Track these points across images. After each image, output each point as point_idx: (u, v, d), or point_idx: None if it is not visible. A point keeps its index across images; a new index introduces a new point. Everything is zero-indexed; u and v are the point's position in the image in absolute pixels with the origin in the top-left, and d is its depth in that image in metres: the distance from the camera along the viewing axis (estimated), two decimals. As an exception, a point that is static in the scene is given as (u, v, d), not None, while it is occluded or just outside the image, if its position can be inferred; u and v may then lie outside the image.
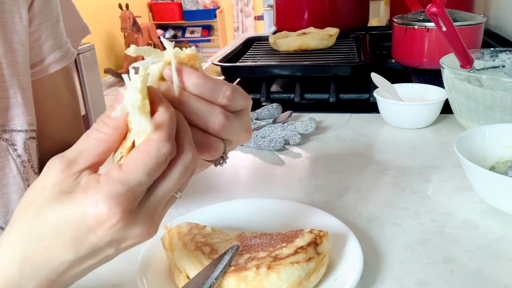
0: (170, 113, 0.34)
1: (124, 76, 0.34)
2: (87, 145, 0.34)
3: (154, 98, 0.34)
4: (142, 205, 0.34)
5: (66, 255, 0.33)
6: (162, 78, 0.37)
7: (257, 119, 0.91)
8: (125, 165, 0.32)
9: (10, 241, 0.34)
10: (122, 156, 0.35)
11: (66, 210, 0.32)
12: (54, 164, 0.34)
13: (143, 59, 0.36)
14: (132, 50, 0.35)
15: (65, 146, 0.65)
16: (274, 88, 1.17)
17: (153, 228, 0.34)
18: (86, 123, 3.49)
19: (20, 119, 0.55)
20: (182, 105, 0.37)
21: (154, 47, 0.38)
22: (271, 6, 2.44)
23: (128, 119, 0.35)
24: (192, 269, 0.45)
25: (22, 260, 0.33)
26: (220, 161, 0.42)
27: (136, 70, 0.35)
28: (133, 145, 0.34)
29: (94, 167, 0.35)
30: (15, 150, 0.55)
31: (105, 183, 0.32)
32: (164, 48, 0.37)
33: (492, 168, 0.66)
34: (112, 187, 0.32)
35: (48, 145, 0.62)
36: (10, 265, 0.34)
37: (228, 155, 0.42)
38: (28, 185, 0.56)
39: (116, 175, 0.32)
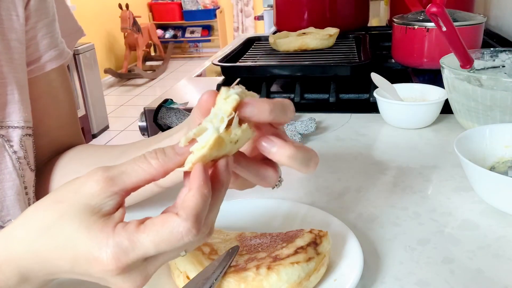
0: (203, 196, 0.34)
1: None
2: (130, 169, 0.34)
3: (198, 175, 0.34)
4: (140, 266, 0.34)
5: (63, 265, 0.35)
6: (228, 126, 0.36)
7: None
8: (143, 229, 0.33)
9: (23, 229, 0.35)
10: (191, 165, 0.34)
11: (80, 233, 0.33)
12: (96, 175, 0.34)
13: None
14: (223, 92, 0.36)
15: (61, 144, 0.65)
16: (274, 88, 1.16)
17: (141, 284, 0.35)
18: (86, 123, 3.50)
19: (16, 116, 0.55)
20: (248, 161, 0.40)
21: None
22: (271, 6, 2.44)
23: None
24: (192, 270, 0.45)
25: (33, 249, 0.35)
26: (277, 185, 0.44)
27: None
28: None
29: (128, 192, 0.35)
30: (11, 146, 0.55)
31: (117, 234, 0.33)
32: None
33: (492, 168, 0.66)
34: (121, 241, 0.33)
35: (44, 143, 0.62)
36: (20, 246, 0.35)
37: (282, 177, 0.45)
38: (24, 182, 0.57)
39: (130, 233, 0.33)
